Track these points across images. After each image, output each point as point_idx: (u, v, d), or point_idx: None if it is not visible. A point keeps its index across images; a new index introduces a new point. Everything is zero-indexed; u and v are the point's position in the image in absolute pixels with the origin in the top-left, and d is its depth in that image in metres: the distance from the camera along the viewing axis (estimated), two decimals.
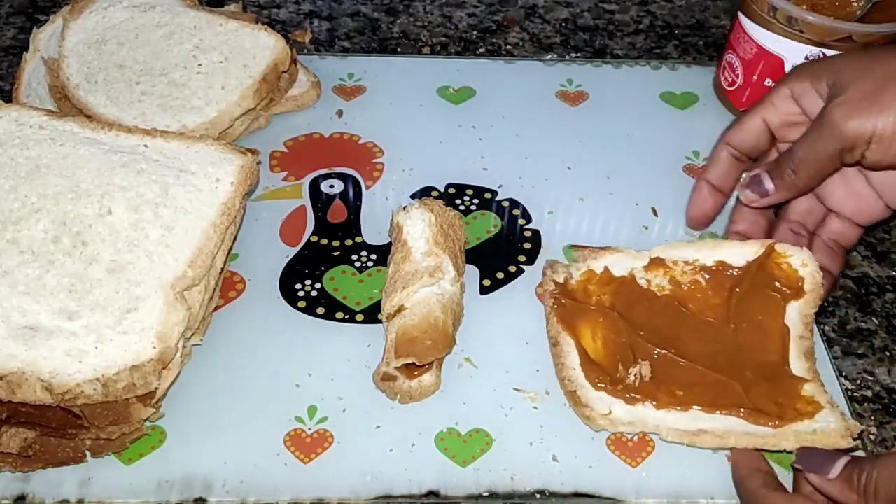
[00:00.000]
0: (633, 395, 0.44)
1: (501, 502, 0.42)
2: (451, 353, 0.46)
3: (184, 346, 0.44)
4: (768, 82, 0.59)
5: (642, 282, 0.49)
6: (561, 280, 0.49)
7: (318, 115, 0.61)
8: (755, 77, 0.59)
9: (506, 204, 0.56)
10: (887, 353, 0.50)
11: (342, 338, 0.48)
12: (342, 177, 0.57)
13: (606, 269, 0.49)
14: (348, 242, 0.53)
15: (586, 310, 0.48)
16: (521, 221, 0.55)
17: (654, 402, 0.44)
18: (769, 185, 0.46)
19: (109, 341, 0.41)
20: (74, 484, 0.42)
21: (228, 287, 0.50)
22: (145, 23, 0.59)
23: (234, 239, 0.50)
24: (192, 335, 0.45)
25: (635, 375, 0.45)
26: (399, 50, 0.67)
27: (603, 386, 0.45)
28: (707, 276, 0.48)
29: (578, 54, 0.68)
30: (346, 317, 0.49)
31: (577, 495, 0.42)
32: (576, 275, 0.49)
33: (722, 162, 0.49)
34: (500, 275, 0.52)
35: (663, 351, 0.46)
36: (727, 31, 0.63)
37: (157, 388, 0.42)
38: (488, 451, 0.44)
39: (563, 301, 0.48)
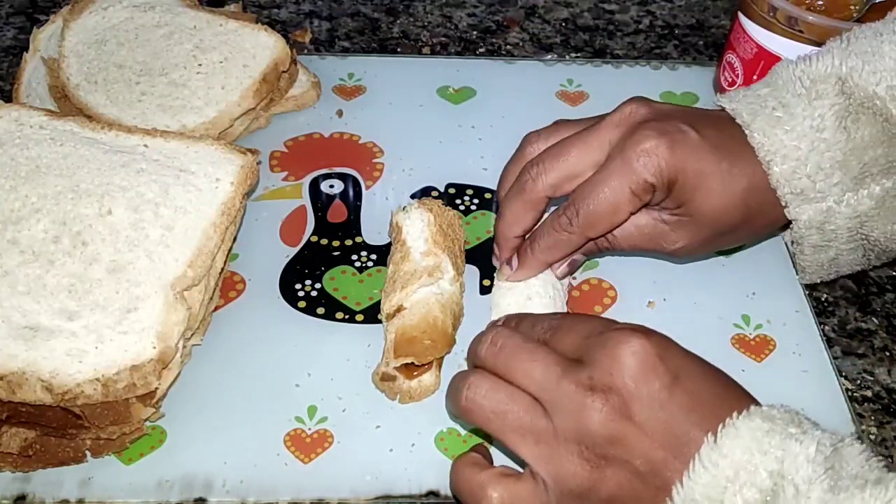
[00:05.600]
0: None
1: None
2: (450, 353, 0.46)
3: (184, 346, 0.44)
4: None
5: None
6: None
7: (318, 115, 0.61)
8: (755, 77, 0.59)
9: None
10: (887, 353, 0.50)
11: (342, 338, 0.48)
12: (342, 177, 0.57)
13: None
14: (348, 242, 0.53)
15: None
16: None
17: None
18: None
19: (109, 341, 0.41)
20: (74, 484, 0.42)
21: (228, 287, 0.50)
22: (145, 23, 0.59)
23: (234, 239, 0.50)
24: (192, 335, 0.45)
25: None
26: (399, 50, 0.67)
27: None
28: None
29: (578, 54, 0.68)
30: (346, 317, 0.49)
31: None
32: None
33: None
34: None
35: None
36: (727, 31, 0.63)
37: (157, 388, 0.42)
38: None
39: None
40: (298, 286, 0.50)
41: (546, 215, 0.47)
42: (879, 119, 0.43)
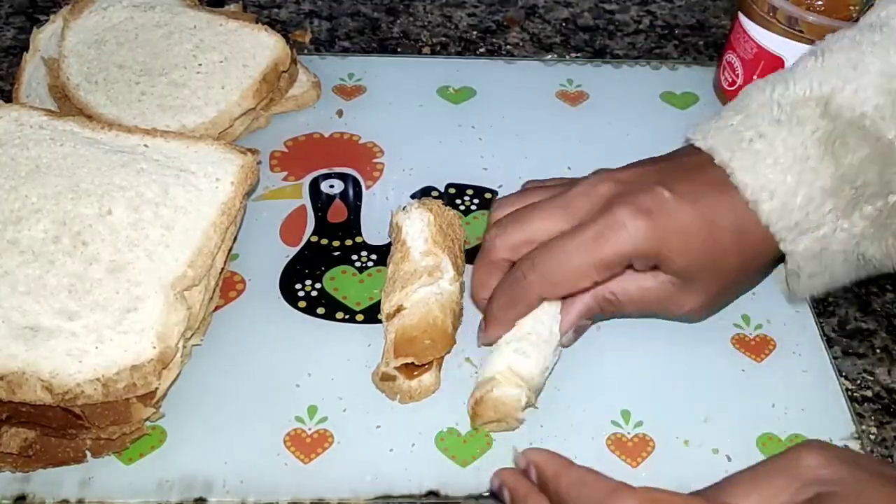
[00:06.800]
0: None
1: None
2: (450, 353, 0.46)
3: (184, 346, 0.44)
4: None
5: None
6: None
7: (318, 115, 0.61)
8: (755, 77, 0.59)
9: None
10: (887, 353, 0.50)
11: (342, 338, 0.48)
12: (342, 177, 0.57)
13: None
14: (348, 242, 0.53)
15: None
16: None
17: None
18: None
19: (109, 341, 0.41)
20: (74, 484, 0.42)
21: (228, 287, 0.50)
22: (145, 23, 0.59)
23: (234, 239, 0.50)
24: (192, 335, 0.45)
25: None
26: (399, 50, 0.67)
27: None
28: None
29: (578, 54, 0.68)
30: (346, 317, 0.49)
31: None
32: None
33: None
34: None
35: None
36: (727, 31, 0.63)
37: (157, 388, 0.42)
38: (488, 451, 0.44)
39: None
40: (298, 286, 0.50)
41: None
42: (871, 139, 0.40)
